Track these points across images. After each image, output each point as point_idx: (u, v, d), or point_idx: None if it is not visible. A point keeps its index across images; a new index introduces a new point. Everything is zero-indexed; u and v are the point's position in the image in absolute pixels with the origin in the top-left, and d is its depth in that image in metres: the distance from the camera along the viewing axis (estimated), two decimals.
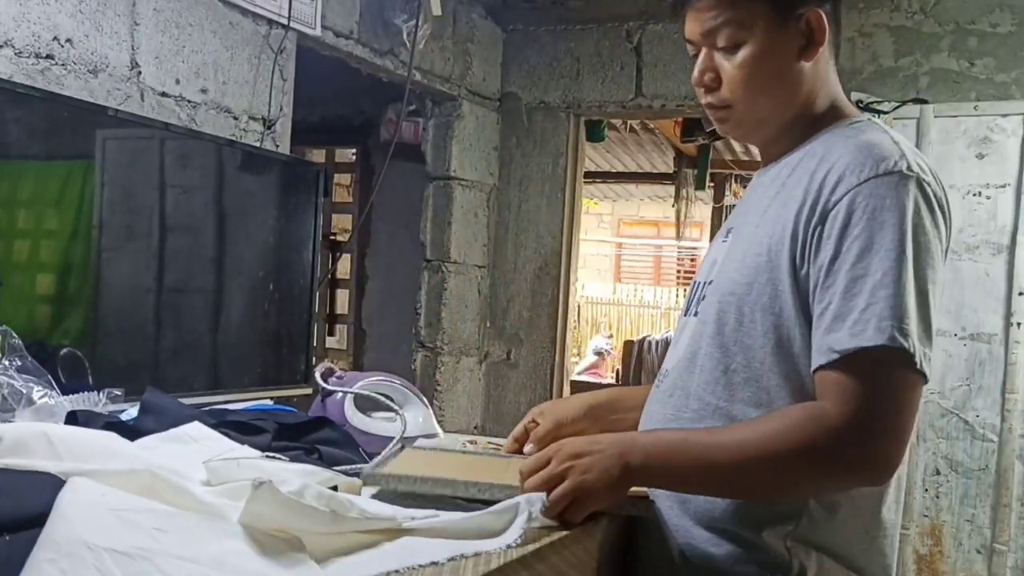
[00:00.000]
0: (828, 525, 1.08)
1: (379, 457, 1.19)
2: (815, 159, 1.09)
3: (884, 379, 0.98)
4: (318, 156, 4.76)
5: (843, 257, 1.01)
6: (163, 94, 2.17)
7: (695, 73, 1.15)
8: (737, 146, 5.58)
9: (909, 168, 1.03)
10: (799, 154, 1.14)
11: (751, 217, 1.16)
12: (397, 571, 0.82)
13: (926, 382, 1.00)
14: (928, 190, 1.03)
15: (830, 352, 1.00)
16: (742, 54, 1.11)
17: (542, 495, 1.00)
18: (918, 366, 0.98)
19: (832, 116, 1.16)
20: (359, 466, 1.25)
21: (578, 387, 4.83)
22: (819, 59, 1.14)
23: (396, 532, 0.92)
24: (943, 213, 1.06)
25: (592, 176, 7.00)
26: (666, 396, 1.18)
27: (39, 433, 0.94)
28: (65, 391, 1.28)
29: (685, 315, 1.23)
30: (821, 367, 1.01)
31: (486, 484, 1.04)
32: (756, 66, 1.11)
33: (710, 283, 1.17)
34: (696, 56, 1.16)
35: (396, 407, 1.46)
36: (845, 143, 1.08)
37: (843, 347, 0.98)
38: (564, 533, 1.01)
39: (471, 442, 1.58)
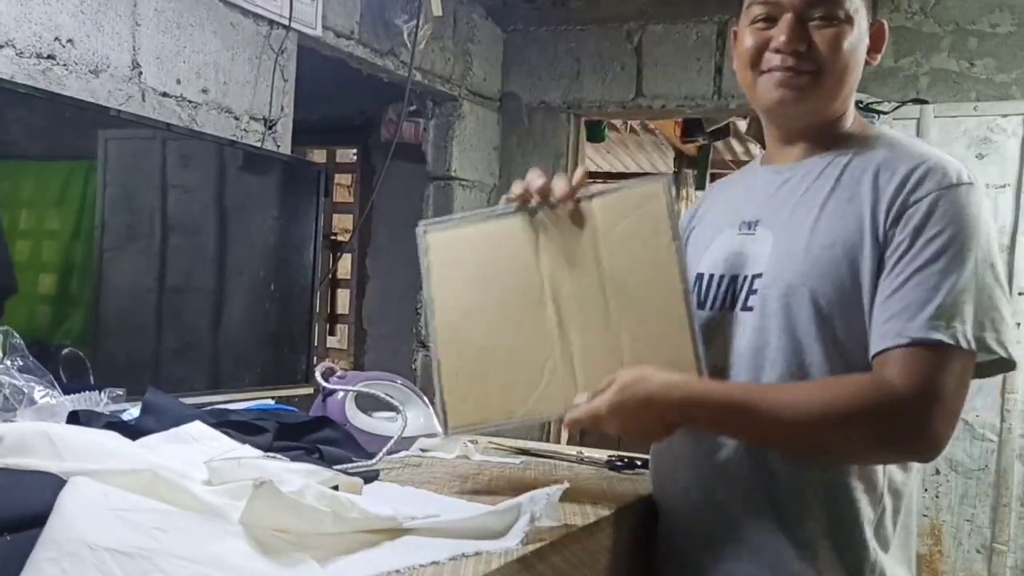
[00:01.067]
0: (895, 518, 1.13)
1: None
2: (873, 164, 1.13)
3: (952, 368, 1.03)
4: (319, 156, 4.76)
5: (919, 251, 1.06)
6: (164, 94, 2.17)
7: (783, 37, 1.15)
8: (737, 146, 5.58)
9: (970, 178, 1.10)
10: (844, 155, 1.17)
11: (796, 212, 1.15)
12: (398, 571, 0.82)
13: (1012, 368, 1.09)
14: (985, 200, 1.11)
15: (899, 336, 1.04)
16: (843, 30, 1.15)
17: (544, 495, 1.00)
18: (1001, 354, 1.05)
19: (859, 128, 1.22)
20: (359, 465, 1.26)
21: None
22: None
23: (396, 532, 0.92)
24: None
25: (592, 176, 6.99)
26: None
27: (40, 433, 0.94)
28: (66, 391, 1.28)
29: (720, 309, 1.20)
30: (889, 348, 1.05)
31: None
32: (853, 45, 1.16)
33: (757, 276, 1.15)
34: (768, 19, 1.17)
35: (397, 406, 1.46)
36: (909, 154, 1.13)
37: (919, 336, 1.03)
38: (565, 533, 1.01)
39: (472, 442, 1.59)
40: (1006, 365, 1.08)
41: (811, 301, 1.10)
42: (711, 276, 1.22)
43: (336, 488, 0.98)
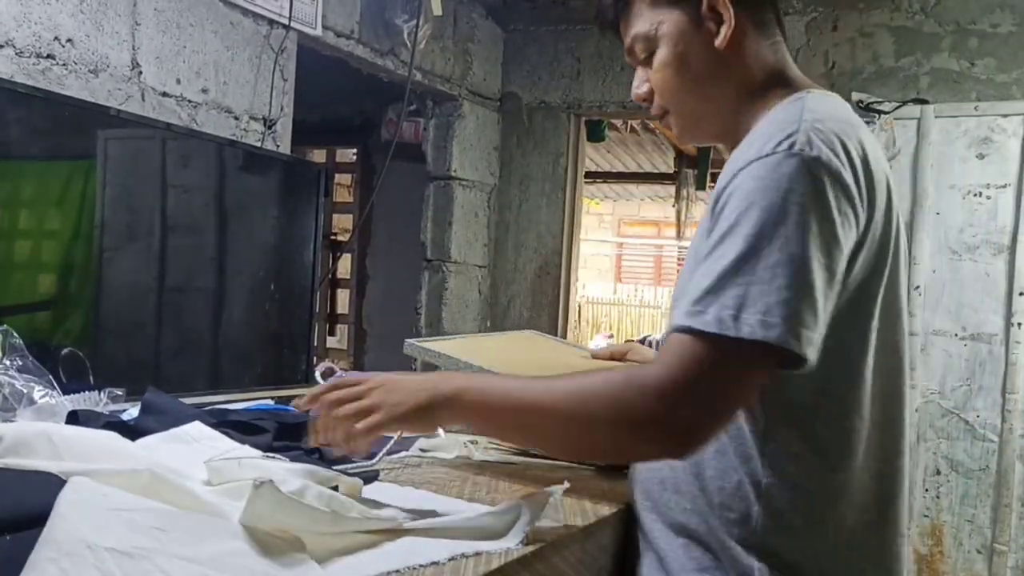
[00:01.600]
0: (779, 534, 1.01)
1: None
2: (740, 150, 1.02)
3: (705, 356, 0.90)
4: (319, 156, 4.76)
5: (711, 241, 0.95)
6: (164, 94, 2.17)
7: (632, 91, 1.16)
8: None
9: (795, 147, 0.93)
10: (745, 140, 1.07)
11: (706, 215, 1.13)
12: (398, 571, 0.82)
13: (800, 365, 0.91)
14: (817, 168, 0.93)
15: (666, 329, 0.95)
16: (656, 59, 1.10)
17: (545, 495, 1.00)
18: (792, 348, 0.89)
19: (777, 93, 1.09)
20: (359, 466, 1.26)
21: None
22: (743, 42, 1.09)
23: (397, 532, 0.92)
24: (840, 188, 0.94)
25: (592, 176, 7.00)
26: None
27: (40, 432, 0.94)
28: (66, 391, 1.28)
29: None
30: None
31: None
32: (669, 65, 1.09)
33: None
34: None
35: None
36: (766, 123, 1.01)
37: (676, 323, 0.93)
38: (565, 533, 1.01)
39: (472, 442, 1.58)
40: (794, 359, 0.90)
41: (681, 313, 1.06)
42: None
43: (336, 488, 0.98)
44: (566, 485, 1.03)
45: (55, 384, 1.27)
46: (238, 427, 1.25)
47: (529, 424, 1.01)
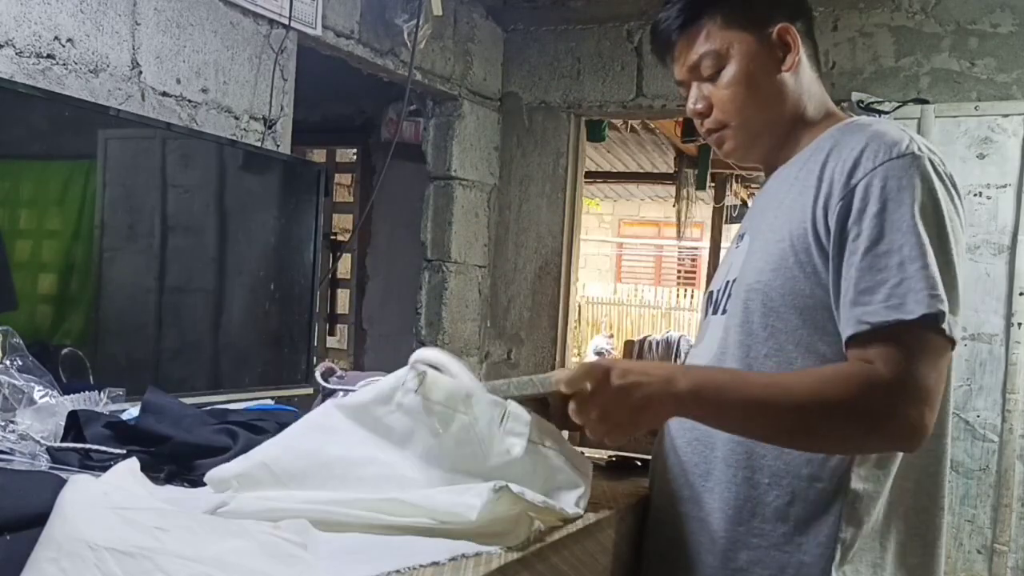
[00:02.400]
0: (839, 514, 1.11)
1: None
2: (824, 152, 1.13)
3: (926, 347, 1.01)
4: (319, 156, 4.76)
5: (865, 235, 1.04)
6: (164, 94, 2.17)
7: (688, 105, 1.24)
8: None
9: (920, 149, 1.08)
10: (807, 152, 1.18)
11: (767, 215, 1.19)
12: (398, 571, 0.82)
13: (953, 348, 1.05)
14: (940, 169, 1.09)
15: (859, 324, 1.03)
16: (725, 76, 1.19)
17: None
18: (948, 333, 1.02)
19: (830, 120, 1.22)
20: None
21: None
22: (800, 70, 1.21)
23: (400, 529, 0.92)
24: (955, 190, 1.11)
25: (593, 176, 7.00)
26: None
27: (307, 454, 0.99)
28: (66, 391, 1.28)
29: (707, 316, 1.27)
30: (854, 336, 1.03)
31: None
32: (739, 82, 1.19)
33: (734, 281, 1.20)
34: (688, 95, 1.24)
35: None
36: (855, 135, 1.12)
37: (878, 319, 1.01)
38: (565, 533, 1.02)
39: None
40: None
41: (764, 295, 1.13)
42: (710, 292, 1.29)
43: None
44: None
45: (55, 384, 1.27)
46: (239, 427, 1.25)
47: (769, 422, 1.06)
